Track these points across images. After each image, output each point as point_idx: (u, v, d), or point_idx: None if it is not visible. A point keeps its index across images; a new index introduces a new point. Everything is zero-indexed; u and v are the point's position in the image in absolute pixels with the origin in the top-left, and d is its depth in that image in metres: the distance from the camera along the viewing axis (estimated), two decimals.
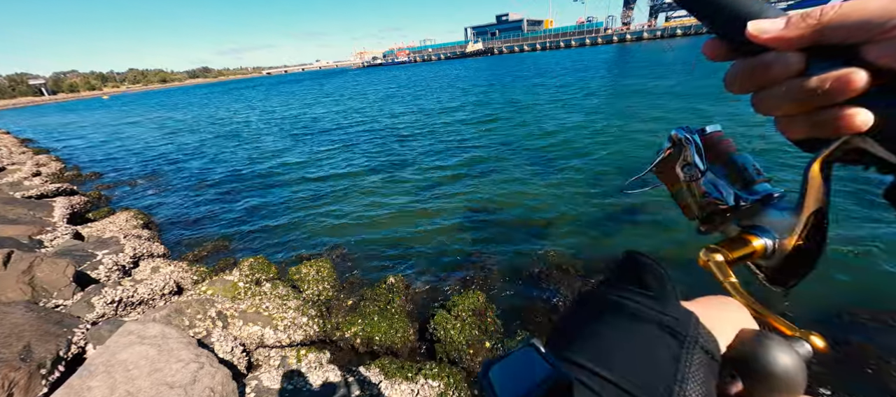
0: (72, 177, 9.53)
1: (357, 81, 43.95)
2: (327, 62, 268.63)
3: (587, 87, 16.36)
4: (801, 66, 0.27)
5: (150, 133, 17.28)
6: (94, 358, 1.76)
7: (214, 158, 10.30)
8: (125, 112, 33.48)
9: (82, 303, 2.99)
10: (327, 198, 6.26)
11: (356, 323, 2.98)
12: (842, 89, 0.26)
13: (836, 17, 0.26)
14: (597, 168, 6.24)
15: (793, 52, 0.27)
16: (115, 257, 3.88)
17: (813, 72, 0.27)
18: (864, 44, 0.25)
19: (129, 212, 5.83)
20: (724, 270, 0.34)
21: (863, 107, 0.26)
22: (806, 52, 0.27)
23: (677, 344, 0.23)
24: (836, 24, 0.26)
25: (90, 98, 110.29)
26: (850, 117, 0.26)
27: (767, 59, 0.28)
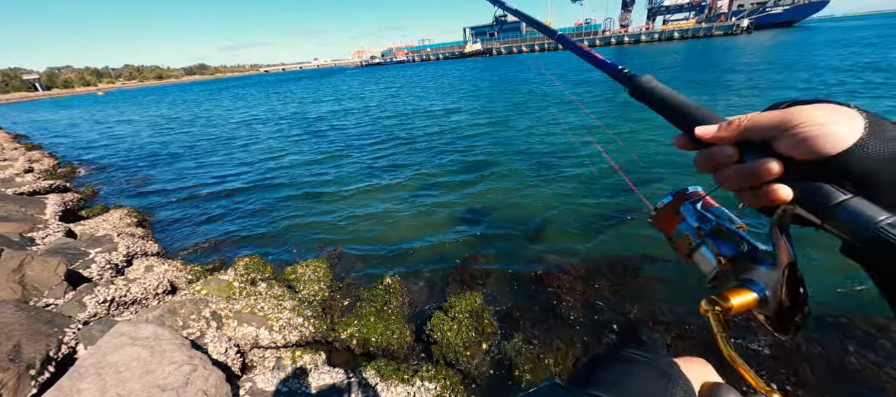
0: (65, 173, 9.42)
1: (356, 80, 43.82)
2: (325, 61, 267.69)
3: (586, 89, 16.41)
4: (735, 156, 0.38)
5: (145, 130, 17.12)
6: (84, 359, 1.73)
7: (210, 157, 10.23)
8: (120, 108, 33.17)
9: (74, 303, 2.95)
10: (324, 197, 6.23)
11: (352, 324, 2.96)
12: (764, 173, 0.35)
13: (748, 123, 0.36)
14: (595, 171, 6.26)
15: (728, 146, 0.38)
16: (107, 255, 3.83)
17: (745, 160, 0.37)
18: (774, 140, 0.35)
19: (123, 210, 5.77)
20: (719, 323, 0.41)
21: (783, 183, 0.35)
22: (738, 146, 0.38)
23: (665, 380, 0.38)
24: (751, 128, 0.36)
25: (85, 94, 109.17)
26: (775, 191, 0.35)
27: (713, 151, 0.39)
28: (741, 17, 75.98)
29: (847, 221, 0.31)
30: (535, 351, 2.66)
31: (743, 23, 67.82)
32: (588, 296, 3.17)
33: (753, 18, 73.97)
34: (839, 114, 0.32)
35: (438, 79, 32.73)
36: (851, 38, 30.48)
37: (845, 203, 0.32)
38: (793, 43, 31.15)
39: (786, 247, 0.37)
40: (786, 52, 24.01)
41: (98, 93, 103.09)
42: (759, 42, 36.89)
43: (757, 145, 0.36)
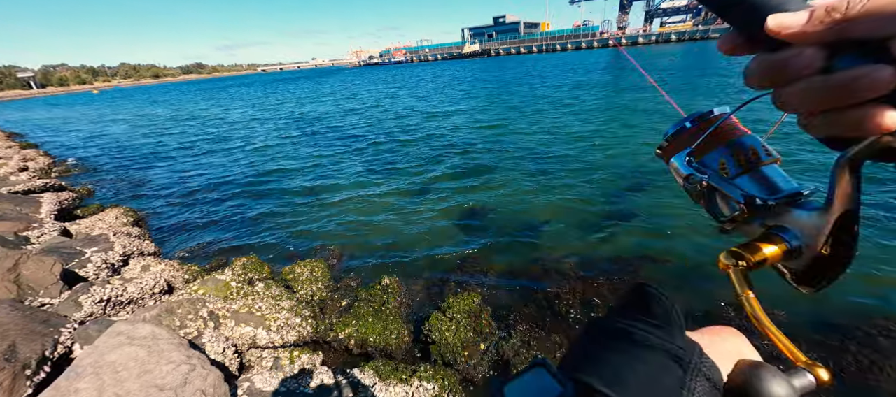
0: (60, 172, 9.35)
1: (354, 81, 43.76)
2: (323, 60, 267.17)
3: (584, 91, 16.47)
4: (823, 63, 0.26)
5: (141, 129, 17.03)
6: (81, 358, 1.73)
7: (207, 157, 10.18)
8: (116, 107, 32.97)
9: (69, 302, 2.93)
10: (323, 198, 6.22)
11: (350, 325, 2.96)
12: (868, 88, 0.24)
13: (864, 10, 0.24)
14: (593, 170, 6.28)
15: (815, 48, 0.26)
16: (103, 255, 3.81)
17: (838, 68, 0.26)
18: (893, 39, 0.24)
19: (119, 209, 5.73)
20: (741, 282, 0.34)
21: (892, 105, 0.25)
22: (830, 47, 0.26)
23: (682, 371, 0.26)
24: (864, 18, 0.24)
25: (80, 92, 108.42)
26: (878, 117, 0.25)
27: (788, 54, 0.27)
28: None
29: None
30: (534, 350, 2.67)
31: None
32: (587, 295, 3.18)
33: None
34: None
35: (437, 79, 32.76)
36: None
37: None
38: None
39: (852, 190, 0.29)
40: None
41: (93, 91, 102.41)
42: None
43: (860, 46, 0.25)
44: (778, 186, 0.35)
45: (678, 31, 77.47)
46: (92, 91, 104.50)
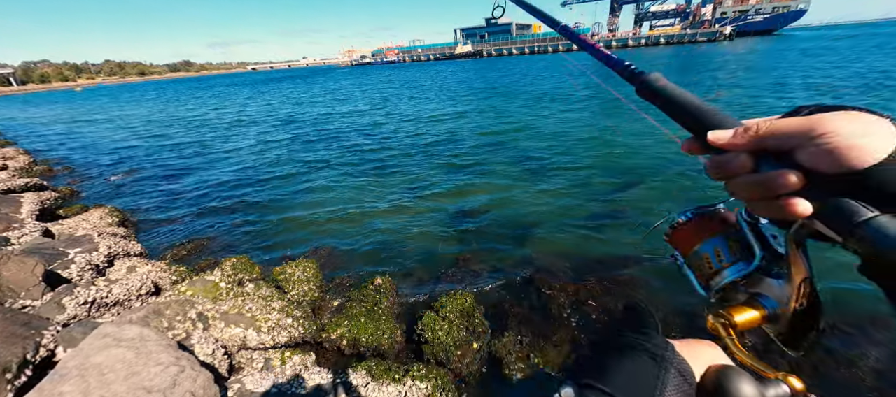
0: (42, 171, 9.09)
1: (347, 81, 43.44)
2: (314, 60, 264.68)
3: (577, 91, 16.63)
4: (750, 165, 0.34)
5: (126, 128, 16.65)
6: (66, 361, 1.68)
7: (195, 156, 10.01)
8: (100, 105, 32.17)
9: (52, 304, 2.85)
10: (314, 197, 6.17)
11: (342, 325, 2.94)
12: (780, 185, 0.32)
13: (767, 130, 0.33)
14: (584, 170, 6.36)
15: (745, 154, 0.34)
16: (88, 256, 3.71)
17: (761, 169, 0.34)
18: (795, 149, 0.32)
19: (104, 209, 5.60)
20: (729, 333, 0.40)
21: (803, 197, 0.32)
22: (755, 154, 0.34)
23: (656, 365, 0.34)
24: (770, 136, 0.33)
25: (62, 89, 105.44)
26: (793, 205, 0.32)
27: (726, 157, 0.36)
28: (724, 25, 78.20)
29: (873, 240, 0.28)
30: (526, 349, 2.69)
31: (726, 30, 69.84)
32: (579, 295, 3.22)
33: (735, 26, 76.22)
34: (871, 125, 0.29)
35: (429, 80, 32.73)
36: (823, 46, 31.65)
37: (872, 221, 0.29)
38: (772, 50, 32.17)
39: (801, 262, 0.35)
40: (767, 58, 24.80)
41: (76, 88, 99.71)
42: (741, 49, 38.02)
43: (775, 154, 0.33)
44: (753, 258, 0.41)
45: (667, 34, 78.80)
46: (75, 88, 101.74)
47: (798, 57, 23.84)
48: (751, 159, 0.34)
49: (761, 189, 0.33)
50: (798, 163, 0.32)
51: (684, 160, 6.38)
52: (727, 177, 0.36)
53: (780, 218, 0.34)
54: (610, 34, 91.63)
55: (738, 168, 0.35)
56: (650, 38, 78.28)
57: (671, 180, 5.56)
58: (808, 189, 0.32)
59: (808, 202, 0.31)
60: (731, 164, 0.35)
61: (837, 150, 0.29)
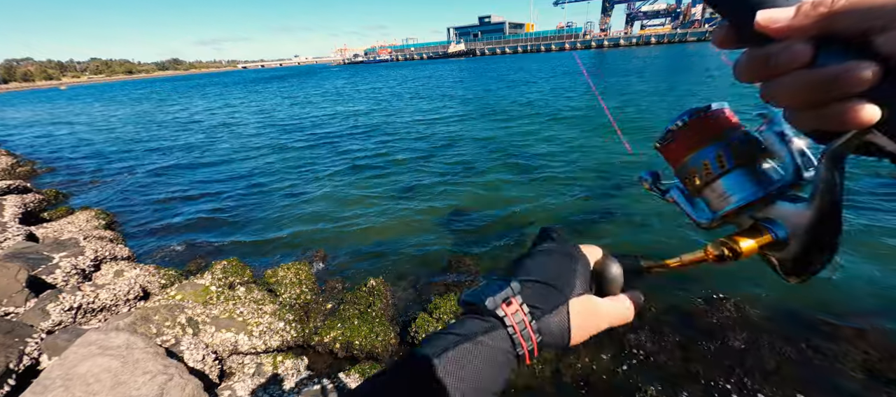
0: (25, 173, 8.86)
1: (340, 80, 43.13)
2: (307, 58, 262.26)
3: (571, 90, 16.73)
4: (808, 58, 0.26)
5: (113, 127, 16.33)
6: (50, 370, 1.64)
7: (184, 157, 9.86)
8: (86, 104, 31.49)
9: (36, 311, 2.78)
10: (305, 199, 6.11)
11: (335, 328, 2.93)
12: (849, 83, 0.25)
13: (849, 4, 0.24)
14: (578, 169, 6.40)
15: (801, 43, 0.26)
16: (73, 260, 3.63)
17: (821, 63, 0.26)
18: (877, 33, 0.24)
19: (90, 212, 5.49)
20: (725, 259, 0.37)
21: (871, 100, 0.25)
22: (816, 42, 0.26)
23: (569, 259, 0.46)
24: (848, 11, 0.24)
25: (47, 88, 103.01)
26: (856, 112, 0.25)
27: (776, 49, 0.27)
28: (714, 24, 79.11)
29: None
30: None
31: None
32: None
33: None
34: None
35: (425, 79, 32.66)
36: None
37: None
38: None
39: (834, 182, 0.30)
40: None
41: (61, 87, 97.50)
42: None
43: (844, 41, 0.25)
44: (770, 178, 0.36)
45: (658, 34, 79.69)
46: (60, 87, 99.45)
47: None
48: (811, 49, 0.26)
49: (822, 89, 0.26)
50: (875, 53, 0.24)
51: None
52: (773, 74, 0.28)
53: (826, 127, 0.28)
54: (602, 33, 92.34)
55: (794, 60, 0.27)
56: (641, 38, 79.09)
57: None
58: (880, 88, 0.25)
59: (877, 106, 0.25)
60: (784, 56, 0.27)
61: None
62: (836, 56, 0.25)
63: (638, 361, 2.57)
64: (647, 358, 2.59)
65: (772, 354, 2.50)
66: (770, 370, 2.41)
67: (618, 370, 2.52)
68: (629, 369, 2.52)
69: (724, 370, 2.44)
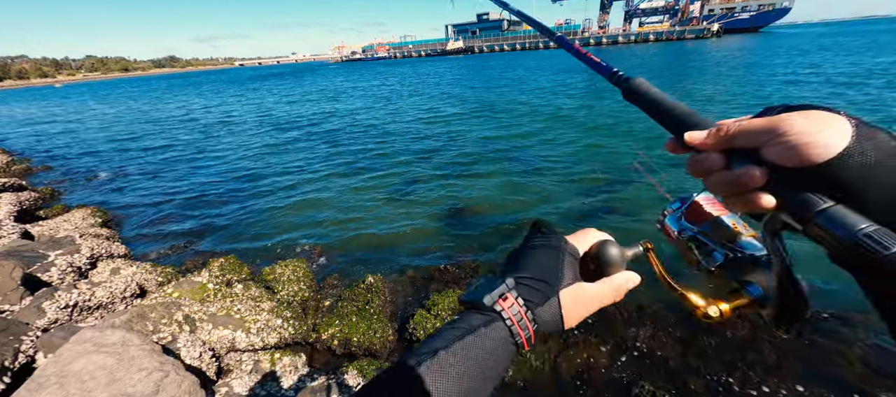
0: (20, 171, 8.80)
1: (339, 78, 42.94)
2: (304, 55, 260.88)
3: (569, 89, 16.72)
4: (721, 163, 0.37)
5: (109, 125, 16.22)
6: (44, 368, 1.63)
7: (181, 154, 9.80)
8: (81, 102, 31.26)
9: (32, 308, 2.76)
10: (303, 196, 6.09)
11: (333, 325, 2.92)
12: (748, 180, 0.35)
13: (736, 130, 0.36)
14: (575, 167, 6.39)
15: (715, 153, 0.38)
16: (69, 258, 3.61)
17: (732, 167, 0.37)
18: (761, 147, 0.34)
19: (86, 210, 5.45)
20: (657, 263, 0.50)
21: (767, 192, 0.35)
22: (727, 153, 0.37)
23: (556, 253, 0.49)
24: (740, 135, 0.36)
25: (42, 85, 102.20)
26: (758, 199, 0.35)
27: (701, 156, 0.39)
28: (712, 22, 79.33)
29: (828, 229, 0.31)
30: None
31: (713, 27, 70.84)
32: None
33: (723, 23, 77.32)
34: (827, 121, 0.32)
35: (424, 76, 32.57)
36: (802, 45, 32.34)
37: (826, 211, 0.31)
38: (760, 47, 32.75)
39: (778, 251, 0.38)
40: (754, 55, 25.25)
41: (56, 85, 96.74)
42: (728, 46, 38.63)
43: (745, 152, 0.36)
44: (746, 252, 0.45)
45: (656, 31, 79.63)
46: (55, 85, 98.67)
47: (786, 54, 24.33)
48: (723, 157, 0.37)
49: (732, 185, 0.37)
50: (764, 160, 0.34)
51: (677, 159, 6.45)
52: (704, 174, 0.39)
53: (750, 211, 0.37)
54: (600, 30, 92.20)
55: (712, 165, 0.38)
56: (640, 35, 79.01)
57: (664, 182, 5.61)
58: (773, 184, 0.34)
59: (771, 196, 0.35)
60: (705, 162, 0.38)
61: (796, 147, 0.32)
62: (742, 162, 0.36)
63: (637, 355, 2.58)
64: (646, 352, 2.59)
65: (771, 348, 2.51)
66: (770, 364, 2.42)
67: (617, 363, 2.53)
68: (628, 363, 2.52)
69: (724, 364, 2.44)
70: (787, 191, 0.34)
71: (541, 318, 0.45)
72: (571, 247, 0.51)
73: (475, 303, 0.45)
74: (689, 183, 0.46)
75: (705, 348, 2.57)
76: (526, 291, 0.46)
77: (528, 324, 0.44)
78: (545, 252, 0.49)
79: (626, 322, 2.84)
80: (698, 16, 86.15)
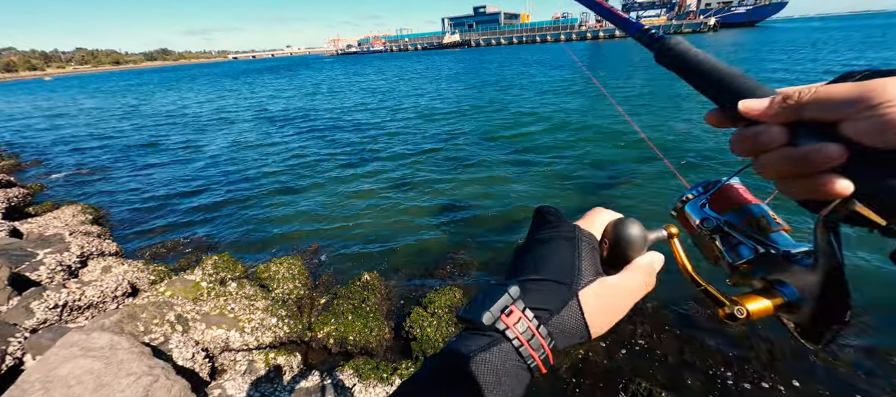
0: (8, 167, 8.63)
1: (335, 72, 42.54)
2: (299, 48, 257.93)
3: (568, 83, 16.66)
4: (784, 139, 0.31)
5: (100, 119, 15.96)
6: (29, 373, 1.58)
7: (173, 150, 9.66)
8: (71, 95, 30.73)
9: (20, 309, 2.70)
10: (298, 193, 6.02)
11: (329, 323, 2.89)
12: (818, 161, 0.29)
13: (811, 99, 0.30)
14: (573, 162, 6.37)
15: (779, 126, 0.31)
16: (58, 256, 3.54)
17: (798, 143, 0.30)
18: (840, 121, 0.28)
19: (76, 206, 5.36)
20: (734, 320, 0.39)
21: (843, 175, 0.29)
22: (791, 125, 0.31)
23: (571, 244, 0.41)
24: (813, 105, 0.30)
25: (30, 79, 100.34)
26: (831, 184, 0.29)
27: (756, 130, 0.32)
28: (708, 15, 79.30)
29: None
30: None
31: (710, 21, 70.79)
32: None
33: (719, 17, 77.31)
34: None
35: (423, 70, 32.32)
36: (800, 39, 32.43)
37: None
38: (758, 41, 32.79)
39: (832, 248, 0.32)
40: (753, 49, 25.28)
41: (46, 78, 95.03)
42: (725, 40, 38.64)
43: (816, 125, 0.30)
44: (778, 246, 0.39)
45: (653, 25, 79.21)
46: (44, 78, 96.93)
47: (784, 47, 24.39)
48: (785, 132, 0.31)
49: (797, 164, 0.30)
50: (844, 137, 0.28)
51: (680, 147, 6.46)
52: (758, 151, 0.33)
53: (812, 198, 0.31)
54: (597, 24, 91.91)
55: (772, 141, 0.31)
56: None
57: (660, 176, 5.61)
58: (853, 165, 0.28)
59: (849, 180, 0.28)
60: (763, 137, 0.32)
61: (893, 123, 0.26)
62: (811, 137, 0.30)
63: (637, 350, 2.57)
64: (644, 348, 2.59)
65: (768, 344, 2.52)
66: (765, 362, 2.42)
67: (616, 358, 2.52)
68: (627, 359, 2.52)
69: (723, 360, 2.44)
70: (872, 177, 0.28)
71: (559, 330, 0.38)
72: (587, 235, 0.43)
73: (474, 323, 0.37)
74: (708, 174, 0.41)
75: (703, 344, 2.57)
76: (537, 298, 0.38)
77: (543, 342, 0.36)
78: (555, 245, 0.41)
79: (625, 317, 2.83)
80: (695, 10, 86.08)
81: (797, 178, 0.31)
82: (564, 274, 0.39)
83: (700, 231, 0.44)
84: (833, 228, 0.32)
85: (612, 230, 0.42)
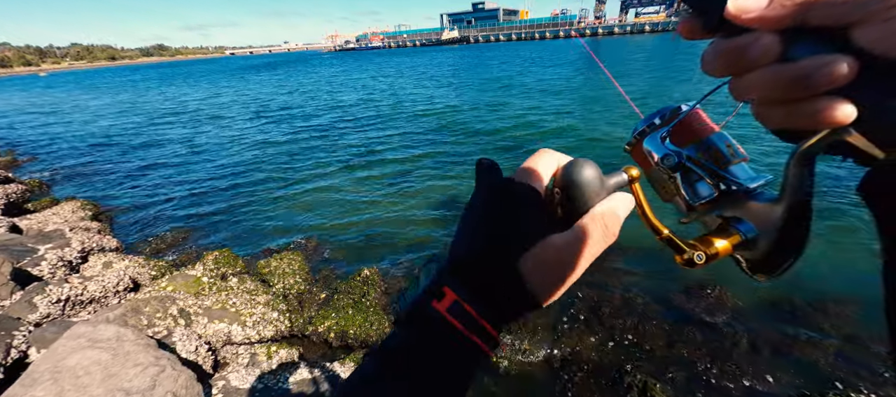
0: (6, 163, 8.61)
1: (334, 68, 42.32)
2: (297, 44, 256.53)
3: (567, 79, 16.67)
4: (778, 50, 0.24)
5: (97, 115, 15.88)
6: (38, 364, 1.62)
7: (173, 146, 9.65)
8: (67, 91, 30.51)
9: (23, 304, 2.73)
10: (298, 188, 6.04)
11: (330, 317, 2.93)
12: (825, 79, 0.22)
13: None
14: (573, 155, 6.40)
15: (773, 35, 0.24)
16: (59, 252, 3.56)
17: (793, 56, 0.24)
18: (855, 25, 0.22)
19: (76, 202, 5.36)
20: (640, 194, 0.37)
21: (846, 98, 0.23)
22: (788, 34, 0.24)
23: (511, 201, 0.36)
24: (828, 2, 0.22)
25: (25, 74, 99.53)
26: (831, 110, 0.23)
27: (745, 40, 0.25)
28: None
29: None
30: (516, 335, 2.74)
31: None
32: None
33: None
34: None
35: (424, 67, 32.22)
36: None
37: None
38: None
39: (803, 181, 0.28)
40: None
41: (41, 74, 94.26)
42: None
43: (820, 33, 0.23)
44: (740, 181, 0.35)
45: (652, 22, 79.45)
46: (39, 74, 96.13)
47: None
48: (780, 42, 0.24)
49: (794, 86, 0.24)
50: (854, 47, 0.22)
51: None
52: (743, 68, 0.25)
53: (801, 127, 0.25)
54: (596, 21, 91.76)
55: (765, 54, 0.24)
56: (635, 26, 78.81)
57: None
58: (856, 84, 0.22)
59: (852, 105, 0.23)
60: (753, 50, 0.24)
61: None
62: (809, 49, 0.23)
63: (625, 344, 2.63)
64: (633, 342, 2.64)
65: (751, 337, 2.58)
66: (745, 351, 2.48)
67: (605, 351, 2.57)
68: (615, 352, 2.57)
69: (709, 352, 2.50)
70: (879, 98, 0.22)
71: (499, 305, 0.33)
72: (524, 188, 0.36)
73: (407, 313, 0.34)
74: None
75: (690, 337, 2.63)
76: (472, 274, 0.34)
77: (483, 322, 0.32)
78: (491, 207, 0.36)
79: (614, 312, 2.88)
80: None
81: (786, 103, 0.25)
82: (502, 237, 0.34)
83: (658, 168, 0.39)
84: (812, 160, 0.28)
85: (562, 175, 0.36)
